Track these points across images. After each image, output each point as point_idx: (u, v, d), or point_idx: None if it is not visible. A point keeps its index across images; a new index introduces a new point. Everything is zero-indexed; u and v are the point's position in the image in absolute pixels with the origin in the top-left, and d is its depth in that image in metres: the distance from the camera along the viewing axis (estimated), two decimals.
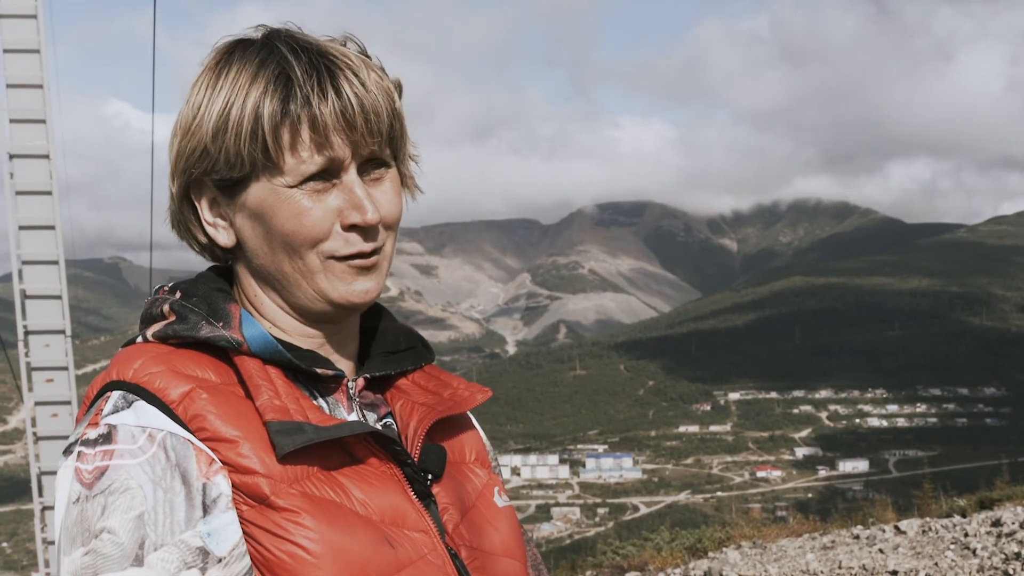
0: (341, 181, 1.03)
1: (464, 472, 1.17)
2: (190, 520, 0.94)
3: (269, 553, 0.96)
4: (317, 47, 1.03)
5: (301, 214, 1.01)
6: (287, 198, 1.01)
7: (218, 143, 1.01)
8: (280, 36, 1.04)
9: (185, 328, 1.04)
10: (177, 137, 1.05)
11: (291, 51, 1.01)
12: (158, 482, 0.94)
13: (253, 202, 1.03)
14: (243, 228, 1.05)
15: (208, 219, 1.07)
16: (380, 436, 1.04)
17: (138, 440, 0.95)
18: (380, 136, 1.04)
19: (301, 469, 0.99)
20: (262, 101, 0.99)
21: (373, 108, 1.02)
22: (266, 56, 1.02)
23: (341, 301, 1.05)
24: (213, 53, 1.05)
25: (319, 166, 1.01)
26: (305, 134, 1.00)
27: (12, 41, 12.72)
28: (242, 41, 1.05)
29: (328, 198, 1.02)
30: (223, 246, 1.08)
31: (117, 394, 0.99)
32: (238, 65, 1.02)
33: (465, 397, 1.18)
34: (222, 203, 1.06)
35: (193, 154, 1.03)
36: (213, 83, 1.02)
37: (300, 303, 1.07)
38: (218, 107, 1.01)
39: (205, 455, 0.96)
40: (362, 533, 0.98)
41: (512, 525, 1.17)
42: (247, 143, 0.99)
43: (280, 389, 1.02)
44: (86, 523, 0.92)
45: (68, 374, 13.02)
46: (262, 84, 1.00)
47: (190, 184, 1.06)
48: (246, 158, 1.00)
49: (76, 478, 0.95)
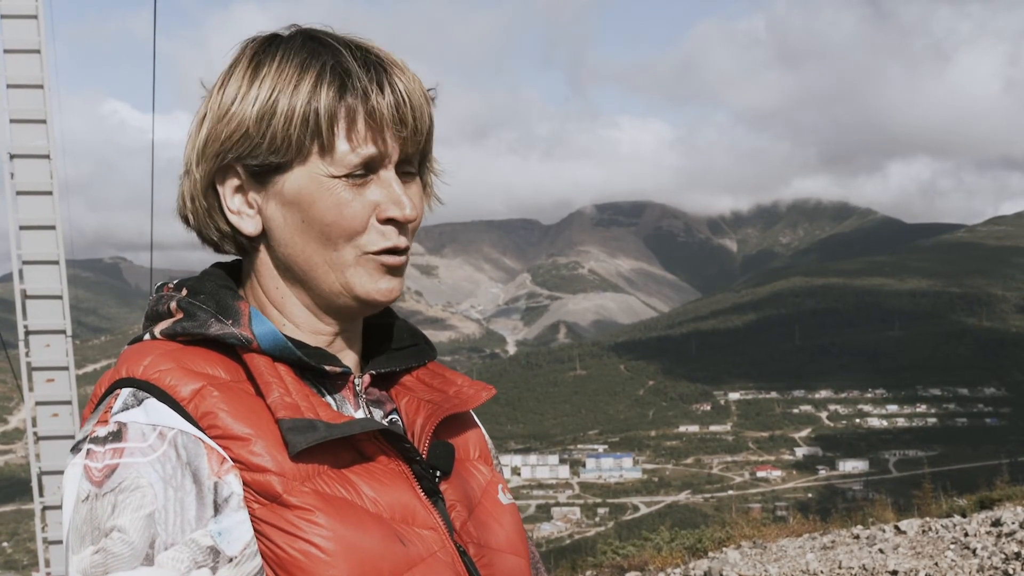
0: (379, 176, 1.03)
1: (469, 469, 1.17)
2: (201, 519, 0.93)
3: (282, 551, 0.95)
4: (363, 45, 1.04)
5: (342, 205, 1.01)
6: (329, 188, 1.01)
7: (262, 127, 1.00)
8: (320, 33, 1.05)
9: (194, 325, 1.03)
10: (208, 122, 1.03)
11: (343, 45, 1.02)
12: (169, 480, 0.93)
13: (291, 189, 1.02)
14: (274, 216, 1.04)
15: (232, 206, 1.06)
16: (390, 433, 1.04)
17: (149, 438, 0.94)
18: (423, 136, 1.05)
19: (313, 467, 0.98)
20: (317, 90, 0.99)
21: (420, 108, 1.04)
22: (315, 48, 1.02)
23: (366, 297, 1.05)
24: (247, 46, 1.05)
25: (365, 158, 1.01)
26: (361, 125, 1.00)
27: (12, 41, 12.72)
28: (277, 36, 1.05)
29: (366, 192, 1.03)
30: (248, 234, 1.06)
31: (127, 391, 0.97)
32: (282, 55, 1.01)
33: (470, 395, 1.18)
34: (251, 190, 1.05)
35: (230, 138, 1.02)
36: (253, 72, 1.02)
37: (323, 296, 1.06)
38: (264, 93, 1.00)
39: (216, 454, 0.95)
40: (374, 531, 0.98)
41: (516, 522, 1.18)
42: (297, 128, 0.99)
43: (290, 386, 1.01)
44: (96, 521, 0.91)
45: (69, 374, 13.02)
46: (313, 74, 1.00)
47: (217, 170, 1.05)
48: (294, 143, 0.99)
49: (85, 476, 0.93)
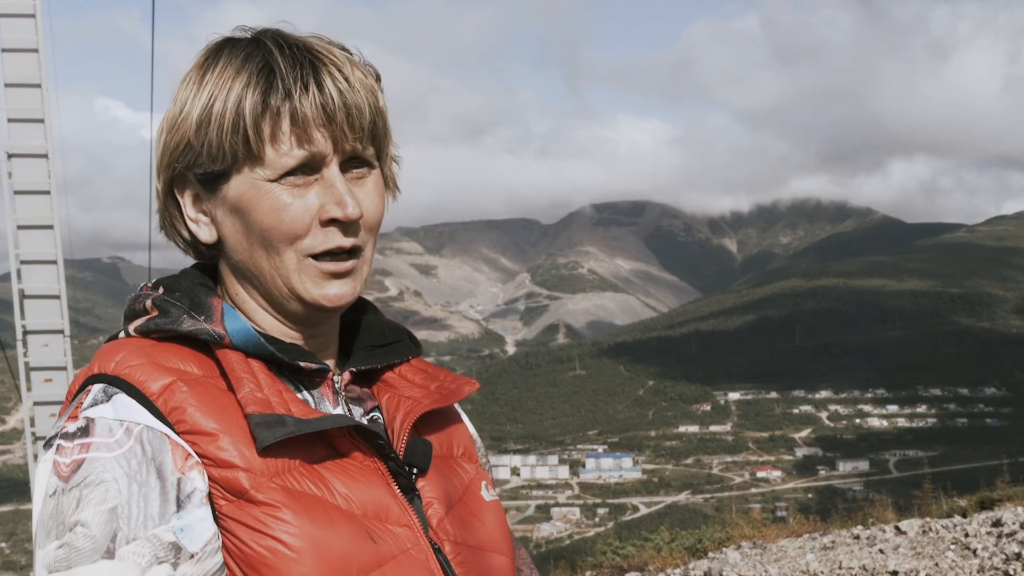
0: (322, 176, 1.03)
1: (451, 466, 1.16)
2: (164, 515, 0.93)
3: (248, 548, 0.95)
4: (302, 43, 1.04)
5: (280, 209, 1.01)
6: (267, 192, 1.01)
7: (201, 136, 1.01)
8: (268, 34, 1.05)
9: (167, 322, 1.03)
10: (163, 133, 1.05)
11: (276, 46, 1.02)
12: (133, 476, 0.93)
13: (233, 196, 1.02)
14: (223, 223, 1.05)
15: (191, 215, 1.07)
16: (364, 430, 1.03)
17: (115, 433, 0.95)
18: (362, 132, 1.03)
19: (282, 463, 0.98)
20: (244, 94, 1.00)
21: (355, 104, 1.02)
22: (251, 51, 1.02)
23: (313, 302, 1.05)
24: (202, 51, 1.06)
25: (299, 160, 1.01)
26: (285, 127, 1.00)
27: (11, 41, 12.71)
28: (230, 39, 1.06)
29: (308, 194, 1.02)
30: (204, 242, 1.07)
31: (98, 387, 0.98)
32: (224, 61, 1.03)
33: (452, 389, 1.17)
34: (204, 198, 1.06)
35: (177, 148, 1.03)
36: (199, 79, 1.03)
37: (275, 301, 1.07)
38: (203, 101, 1.01)
39: (181, 449, 0.96)
40: (343, 527, 0.97)
41: (498, 520, 1.17)
42: (228, 135, 1.00)
43: (262, 382, 1.01)
44: (61, 516, 0.92)
45: (67, 374, 13.00)
46: (245, 77, 1.00)
47: (174, 180, 1.06)
48: (227, 150, 1.00)
49: (54, 471, 0.95)
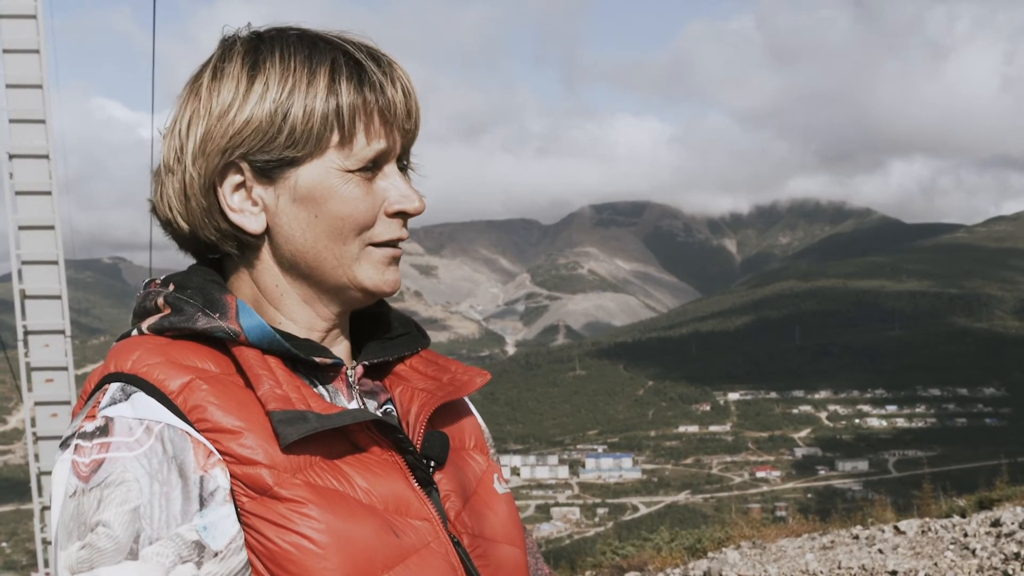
0: (383, 171, 1.05)
1: (464, 459, 1.16)
2: (186, 514, 0.92)
3: (274, 545, 0.94)
4: (357, 41, 1.04)
5: (357, 199, 1.02)
6: (345, 181, 1.01)
7: (277, 122, 0.99)
8: (302, 30, 1.05)
9: (181, 320, 1.02)
10: (203, 120, 1.01)
11: (347, 43, 1.02)
12: (155, 475, 0.92)
13: (305, 184, 1.01)
14: (283, 211, 1.03)
15: (234, 205, 1.03)
16: (382, 424, 1.03)
17: (135, 432, 0.93)
18: (417, 130, 1.07)
19: (304, 459, 0.97)
20: (336, 84, 0.99)
21: (417, 102, 1.06)
22: (314, 43, 1.02)
23: (375, 289, 1.06)
24: (234, 44, 1.03)
25: (377, 152, 1.02)
26: (377, 120, 1.02)
27: (12, 41, 12.73)
28: (259, 34, 1.04)
29: (375, 186, 1.04)
30: (252, 232, 1.04)
31: (115, 386, 0.97)
32: (282, 51, 1.01)
33: (465, 381, 1.17)
34: (256, 186, 1.03)
35: (239, 134, 1.00)
36: (251, 69, 1.00)
37: (329, 290, 1.06)
38: (274, 90, 0.99)
39: (203, 447, 0.95)
40: (367, 522, 0.97)
41: (511, 511, 1.17)
42: (319, 122, 0.99)
43: (281, 378, 1.01)
44: (82, 517, 0.91)
45: (68, 374, 13.04)
46: (327, 69, 1.00)
47: (222, 168, 1.03)
48: (314, 137, 0.99)
49: (73, 471, 0.93)
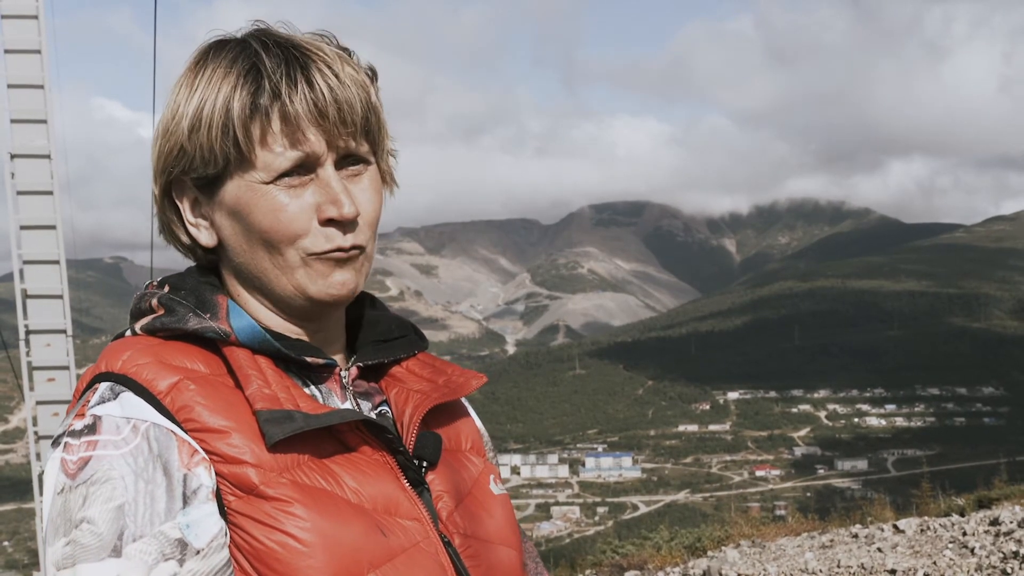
0: (318, 176, 1.02)
1: (459, 460, 1.16)
2: (170, 512, 0.93)
3: (259, 543, 0.95)
4: (290, 41, 1.02)
5: (278, 210, 1.00)
6: (263, 194, 1.00)
7: (193, 141, 1.00)
8: (256, 33, 1.04)
9: (173, 320, 1.03)
10: (158, 139, 1.05)
11: (262, 46, 1.01)
12: (140, 473, 0.93)
13: (230, 199, 1.02)
14: (223, 226, 1.05)
15: (190, 219, 1.07)
16: (372, 424, 1.04)
17: (122, 431, 0.95)
18: (354, 128, 1.02)
19: (292, 458, 0.98)
20: (232, 96, 0.99)
21: (347, 100, 1.01)
22: (239, 52, 1.01)
23: (320, 296, 1.04)
24: (193, 54, 1.05)
25: (293, 161, 1.00)
26: (276, 127, 0.99)
27: (13, 42, 12.75)
28: (220, 41, 1.05)
29: (305, 193, 1.01)
30: (205, 246, 1.07)
31: (105, 385, 0.99)
32: (214, 63, 1.02)
33: (460, 383, 1.17)
34: (203, 202, 1.06)
35: (171, 154, 1.03)
36: (191, 83, 1.02)
37: (281, 299, 1.06)
38: (194, 105, 1.00)
39: (187, 446, 0.96)
40: (353, 522, 0.97)
41: (507, 513, 1.17)
42: (219, 139, 0.99)
43: (270, 378, 1.01)
44: (68, 513, 0.93)
45: (69, 373, 13.05)
46: (233, 79, 0.99)
47: (171, 185, 1.06)
48: (219, 154, 1.00)
49: (62, 469, 0.95)
